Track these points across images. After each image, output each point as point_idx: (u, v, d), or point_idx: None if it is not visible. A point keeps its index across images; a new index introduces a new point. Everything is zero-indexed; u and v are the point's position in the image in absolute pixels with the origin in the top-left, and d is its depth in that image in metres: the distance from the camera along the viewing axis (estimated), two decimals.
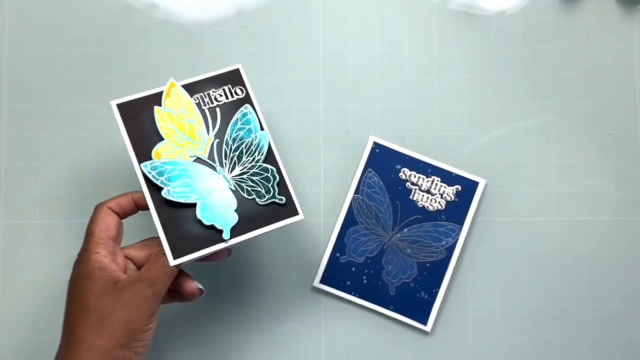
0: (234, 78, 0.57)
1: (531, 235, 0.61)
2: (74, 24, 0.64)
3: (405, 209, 0.60)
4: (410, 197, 0.60)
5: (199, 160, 0.55)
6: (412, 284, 0.59)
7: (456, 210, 0.60)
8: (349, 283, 0.59)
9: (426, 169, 0.60)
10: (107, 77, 0.63)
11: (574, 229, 0.62)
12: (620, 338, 0.61)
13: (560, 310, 0.61)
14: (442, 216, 0.60)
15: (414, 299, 0.59)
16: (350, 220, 0.60)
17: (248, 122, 0.56)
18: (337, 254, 0.60)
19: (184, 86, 0.56)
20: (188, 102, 0.56)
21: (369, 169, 0.60)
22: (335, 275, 0.59)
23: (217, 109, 0.56)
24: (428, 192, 0.60)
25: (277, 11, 0.63)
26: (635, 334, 0.61)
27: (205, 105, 0.56)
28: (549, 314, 0.61)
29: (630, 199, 0.62)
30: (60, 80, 0.63)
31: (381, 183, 0.60)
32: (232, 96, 0.57)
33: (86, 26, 0.64)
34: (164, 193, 0.52)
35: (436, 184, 0.60)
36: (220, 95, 0.57)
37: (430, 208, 0.60)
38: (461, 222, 0.60)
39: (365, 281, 0.59)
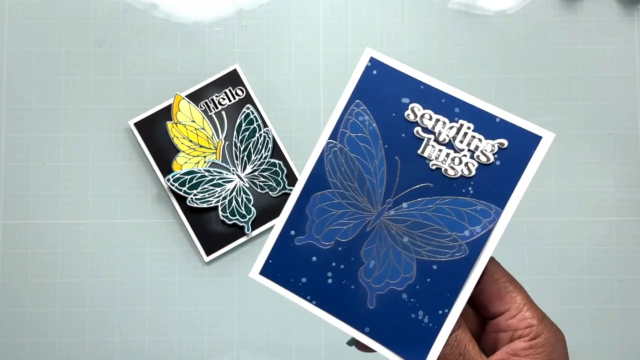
0: (233, 79, 0.65)
1: (531, 236, 0.64)
2: (74, 24, 0.66)
3: (408, 170, 0.39)
4: (419, 151, 0.39)
5: (214, 164, 0.64)
6: (405, 296, 0.39)
7: (496, 181, 0.38)
8: (304, 280, 0.40)
9: (452, 108, 0.39)
10: (108, 77, 0.66)
11: (574, 229, 0.65)
12: (622, 338, 0.63)
13: (560, 310, 0.64)
14: (470, 188, 0.38)
15: (406, 320, 0.38)
16: (317, 181, 0.40)
17: (251, 122, 0.64)
18: (292, 232, 0.40)
19: (188, 95, 0.64)
20: (195, 111, 0.64)
21: (358, 101, 0.40)
22: (285, 265, 0.40)
23: (223, 113, 0.65)
24: (450, 145, 0.39)
25: (277, 11, 0.67)
26: (636, 334, 0.64)
27: (211, 111, 0.65)
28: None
29: (631, 199, 0.65)
30: (60, 80, 0.66)
31: (373, 125, 0.40)
32: (234, 97, 0.65)
33: (86, 26, 0.66)
34: (188, 202, 0.63)
35: (466, 134, 0.39)
36: (224, 99, 0.65)
37: (451, 173, 0.39)
38: (502, 201, 0.38)
39: (330, 280, 0.40)
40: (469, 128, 0.38)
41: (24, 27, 0.66)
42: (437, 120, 0.39)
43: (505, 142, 0.38)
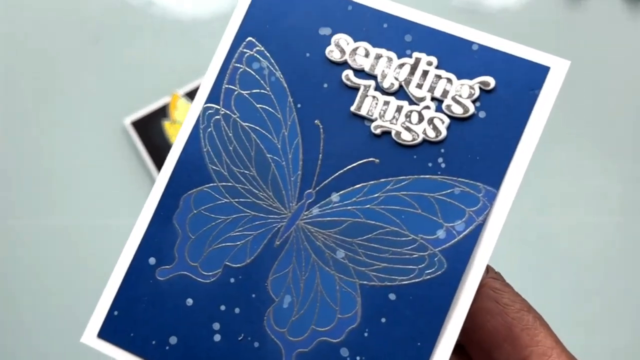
0: None
1: (534, 236, 0.62)
2: (70, 22, 0.66)
3: (338, 140, 0.24)
4: (353, 108, 0.24)
5: None
6: (345, 352, 0.23)
7: (482, 144, 0.23)
8: (173, 341, 0.24)
9: (401, 36, 0.25)
10: (104, 76, 0.65)
11: (578, 229, 0.63)
12: (628, 340, 0.61)
13: (563, 312, 0.61)
14: (441, 160, 0.24)
15: None
16: (190, 171, 0.25)
17: None
18: (151, 260, 0.25)
19: (186, 94, 0.64)
20: None
21: (250, 39, 0.26)
22: (140, 317, 0.24)
23: None
24: (402, 94, 0.24)
25: None
26: None
27: None
28: (553, 317, 0.54)
29: (636, 199, 0.63)
30: (55, 78, 0.65)
31: (277, 74, 0.25)
32: None
33: (83, 24, 0.66)
34: None
35: (426, 73, 0.24)
36: None
37: (407, 137, 0.24)
38: (496, 176, 0.23)
39: (217, 337, 0.24)
40: (429, 64, 0.24)
41: (19, 24, 0.66)
42: (379, 57, 0.24)
43: (492, 81, 0.24)
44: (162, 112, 0.65)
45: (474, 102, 0.24)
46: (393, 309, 0.23)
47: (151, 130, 0.64)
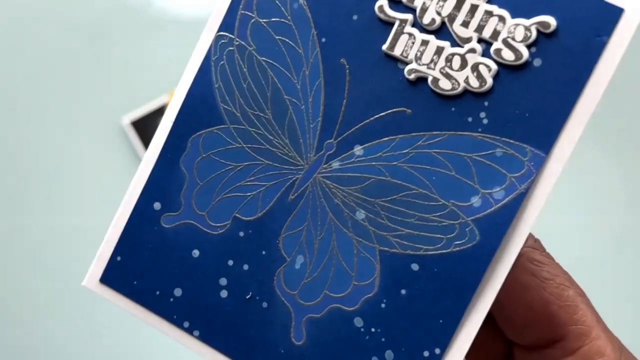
0: None
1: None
2: (67, 21, 0.65)
3: (365, 83, 0.21)
4: (386, 47, 0.21)
5: None
6: (359, 322, 0.21)
7: (534, 99, 0.20)
8: (177, 293, 0.22)
9: None
10: (102, 75, 0.64)
11: (580, 229, 0.63)
12: (628, 341, 0.56)
13: None
14: (483, 115, 0.20)
15: None
16: (199, 110, 0.23)
17: None
18: (156, 205, 0.23)
19: None
20: None
21: None
22: (143, 265, 0.23)
23: None
24: (445, 34, 0.21)
25: None
26: None
27: None
28: None
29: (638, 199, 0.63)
30: (53, 78, 0.64)
31: (300, 0, 0.22)
32: None
33: (81, 23, 0.65)
34: None
35: (474, 9, 0.21)
36: None
37: (446, 85, 0.21)
38: (546, 138, 0.20)
39: (224, 293, 0.22)
40: None
41: (16, 22, 0.66)
42: None
43: (552, 22, 0.20)
44: (161, 111, 0.64)
45: (529, 47, 0.20)
46: (415, 280, 0.20)
47: (150, 130, 0.64)
